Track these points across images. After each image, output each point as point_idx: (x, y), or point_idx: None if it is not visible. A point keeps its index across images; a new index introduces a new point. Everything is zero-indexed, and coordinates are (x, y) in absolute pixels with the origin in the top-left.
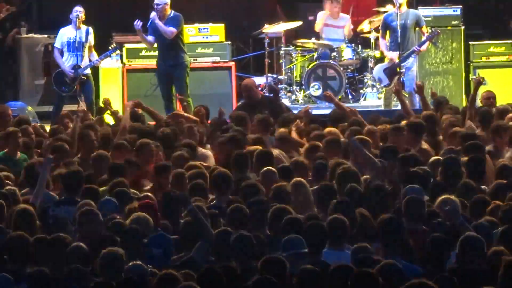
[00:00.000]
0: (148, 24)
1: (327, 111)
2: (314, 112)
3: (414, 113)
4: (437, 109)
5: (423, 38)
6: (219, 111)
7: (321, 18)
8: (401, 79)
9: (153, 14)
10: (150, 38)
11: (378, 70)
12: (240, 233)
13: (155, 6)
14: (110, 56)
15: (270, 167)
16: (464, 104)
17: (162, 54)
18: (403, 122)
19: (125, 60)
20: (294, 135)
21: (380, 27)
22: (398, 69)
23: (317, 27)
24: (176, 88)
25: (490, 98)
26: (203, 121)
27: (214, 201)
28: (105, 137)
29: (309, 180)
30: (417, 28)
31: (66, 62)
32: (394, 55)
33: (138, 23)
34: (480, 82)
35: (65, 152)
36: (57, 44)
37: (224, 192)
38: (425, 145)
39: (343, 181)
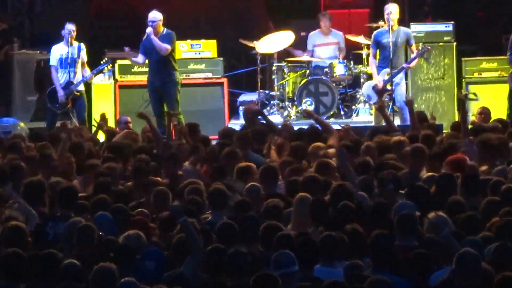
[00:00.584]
0: (144, 39)
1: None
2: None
3: (398, 129)
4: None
5: (413, 55)
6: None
7: (310, 41)
8: (392, 95)
9: (149, 30)
10: (139, 58)
11: (367, 87)
12: (236, 250)
13: (150, 23)
14: (102, 70)
15: (255, 183)
16: (456, 120)
17: (154, 71)
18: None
19: (117, 76)
20: (273, 152)
21: (371, 45)
22: (387, 86)
23: (308, 51)
24: (167, 105)
25: (483, 113)
26: (186, 138)
27: (210, 217)
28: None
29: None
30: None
31: (60, 78)
32: (379, 79)
33: (127, 49)
34: (463, 99)
35: (20, 171)
36: (53, 62)
37: (220, 208)
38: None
39: (337, 198)
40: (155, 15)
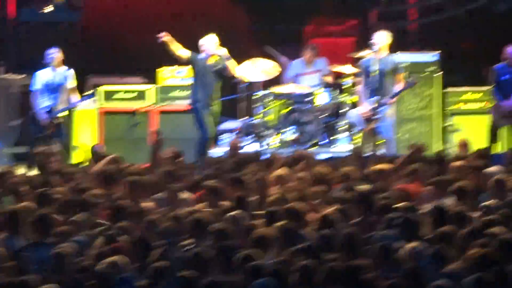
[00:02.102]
0: (200, 58)
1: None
2: None
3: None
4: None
5: (399, 89)
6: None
7: (291, 70)
8: (378, 125)
9: (221, 51)
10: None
11: (353, 114)
12: (211, 279)
13: (210, 45)
14: (84, 101)
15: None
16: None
17: (210, 92)
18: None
19: (101, 102)
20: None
21: (358, 73)
22: (374, 115)
23: (287, 78)
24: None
25: (464, 145)
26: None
27: (192, 245)
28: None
29: None
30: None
31: (43, 103)
32: (366, 107)
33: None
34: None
35: None
36: (36, 86)
37: (201, 237)
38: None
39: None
40: (213, 37)
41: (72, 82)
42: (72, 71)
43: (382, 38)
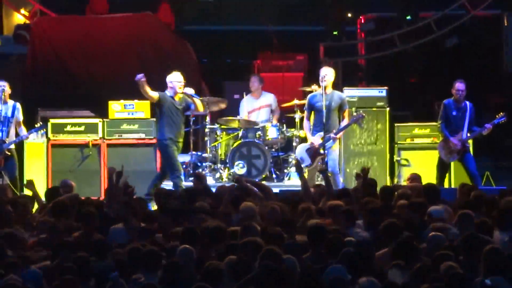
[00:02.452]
0: (170, 95)
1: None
2: None
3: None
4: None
5: (346, 122)
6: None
7: (242, 108)
8: (325, 160)
9: (189, 90)
10: (153, 93)
11: (300, 150)
12: None
13: (178, 84)
14: (33, 133)
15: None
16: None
17: (177, 128)
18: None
19: (50, 135)
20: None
21: (304, 108)
22: (320, 150)
23: (242, 116)
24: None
25: (415, 179)
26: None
27: (142, 279)
28: None
29: None
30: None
31: None
32: (315, 140)
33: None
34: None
35: None
36: None
37: (153, 270)
38: None
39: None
40: (181, 77)
41: (19, 116)
42: (19, 104)
43: (328, 74)
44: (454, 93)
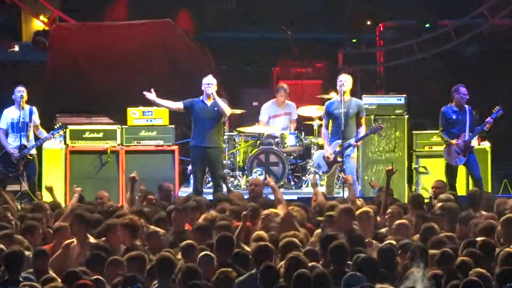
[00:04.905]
0: (196, 100)
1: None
2: None
3: (357, 201)
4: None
5: (365, 132)
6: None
7: (264, 111)
8: (343, 167)
9: (212, 90)
10: (172, 104)
11: (317, 156)
12: None
13: (208, 85)
14: (54, 135)
15: (209, 253)
16: (407, 193)
17: (204, 134)
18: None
19: (68, 141)
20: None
21: (322, 116)
22: (338, 158)
23: (262, 122)
24: (211, 170)
25: (439, 187)
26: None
27: (156, 285)
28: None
29: None
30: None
31: (12, 143)
32: (330, 151)
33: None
34: (391, 171)
35: None
36: (2, 125)
37: (167, 276)
38: None
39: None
40: (212, 79)
41: (37, 119)
42: (35, 108)
43: (346, 81)
44: (457, 97)
